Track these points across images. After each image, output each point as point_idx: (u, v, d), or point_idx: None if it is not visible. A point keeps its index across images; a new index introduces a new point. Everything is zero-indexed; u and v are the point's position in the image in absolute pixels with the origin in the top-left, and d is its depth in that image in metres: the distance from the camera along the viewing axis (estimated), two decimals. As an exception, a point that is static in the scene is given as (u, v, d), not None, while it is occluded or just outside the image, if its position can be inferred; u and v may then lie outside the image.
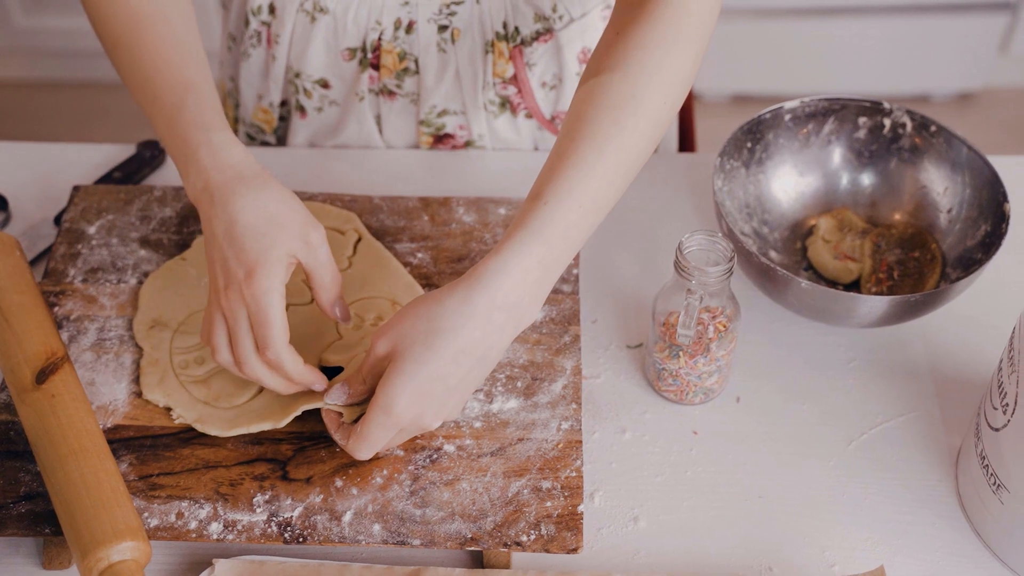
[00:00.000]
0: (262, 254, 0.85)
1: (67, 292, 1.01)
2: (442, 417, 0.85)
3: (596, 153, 0.84)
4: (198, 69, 0.93)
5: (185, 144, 0.89)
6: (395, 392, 0.82)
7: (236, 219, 0.86)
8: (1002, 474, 0.85)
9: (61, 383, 0.90)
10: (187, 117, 0.89)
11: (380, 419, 0.83)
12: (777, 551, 0.90)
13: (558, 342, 0.99)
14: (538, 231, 0.83)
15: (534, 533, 0.87)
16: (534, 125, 1.21)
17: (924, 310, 0.97)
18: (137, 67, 0.93)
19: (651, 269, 1.08)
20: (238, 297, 0.85)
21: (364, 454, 0.86)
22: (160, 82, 0.91)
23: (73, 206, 1.08)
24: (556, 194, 0.83)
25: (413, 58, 1.14)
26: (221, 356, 0.88)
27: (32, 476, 0.90)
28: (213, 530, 0.87)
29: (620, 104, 0.85)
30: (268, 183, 0.88)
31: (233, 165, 0.88)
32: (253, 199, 0.87)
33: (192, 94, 0.90)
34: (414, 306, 0.84)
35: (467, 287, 0.82)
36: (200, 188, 0.88)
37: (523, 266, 0.82)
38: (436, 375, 0.82)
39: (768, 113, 1.08)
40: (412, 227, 1.07)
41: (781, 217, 1.10)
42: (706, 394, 0.98)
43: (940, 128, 1.07)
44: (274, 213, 0.87)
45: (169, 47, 0.93)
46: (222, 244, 0.86)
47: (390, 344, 0.84)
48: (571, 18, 1.13)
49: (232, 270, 0.85)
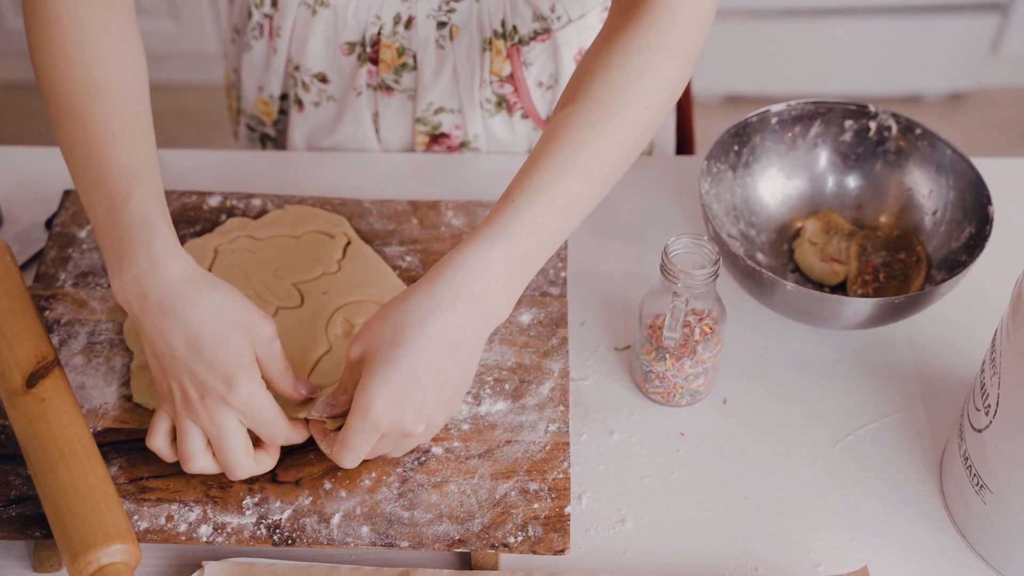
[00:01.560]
0: (236, 361, 0.84)
1: (58, 296, 1.02)
2: (422, 420, 0.84)
3: (569, 154, 0.85)
4: (148, 156, 0.88)
5: (123, 241, 0.85)
6: (371, 395, 0.82)
7: (198, 328, 0.83)
8: (985, 475, 0.86)
9: (51, 387, 0.90)
10: (131, 211, 0.85)
11: (359, 424, 0.83)
12: (763, 551, 0.90)
13: (546, 344, 0.99)
14: (502, 228, 0.83)
15: (521, 535, 0.88)
16: (530, 126, 1.21)
17: (909, 312, 0.98)
18: (83, 139, 0.88)
19: (639, 272, 1.09)
20: (221, 406, 0.84)
21: (348, 462, 0.86)
22: (105, 162, 0.87)
23: (64, 210, 1.09)
24: (524, 193, 0.84)
25: (411, 54, 1.15)
26: (197, 463, 0.86)
27: (22, 479, 0.90)
28: (203, 532, 0.87)
29: (598, 109, 0.86)
30: (217, 283, 0.86)
31: (180, 270, 0.85)
32: (209, 304, 0.84)
33: (140, 186, 0.86)
34: (382, 309, 0.85)
35: (428, 283, 0.83)
36: (137, 296, 0.84)
37: (485, 259, 0.83)
38: (407, 372, 0.82)
39: (754, 116, 1.09)
40: (401, 230, 1.08)
41: (768, 220, 1.11)
42: (693, 396, 0.99)
43: (925, 131, 1.08)
44: (233, 313, 0.85)
45: (120, 124, 0.88)
46: (186, 357, 0.83)
47: (361, 348, 0.84)
48: (569, 19, 1.14)
49: (206, 382, 0.83)
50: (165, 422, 0.88)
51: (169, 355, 0.84)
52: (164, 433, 0.88)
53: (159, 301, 0.84)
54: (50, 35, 0.90)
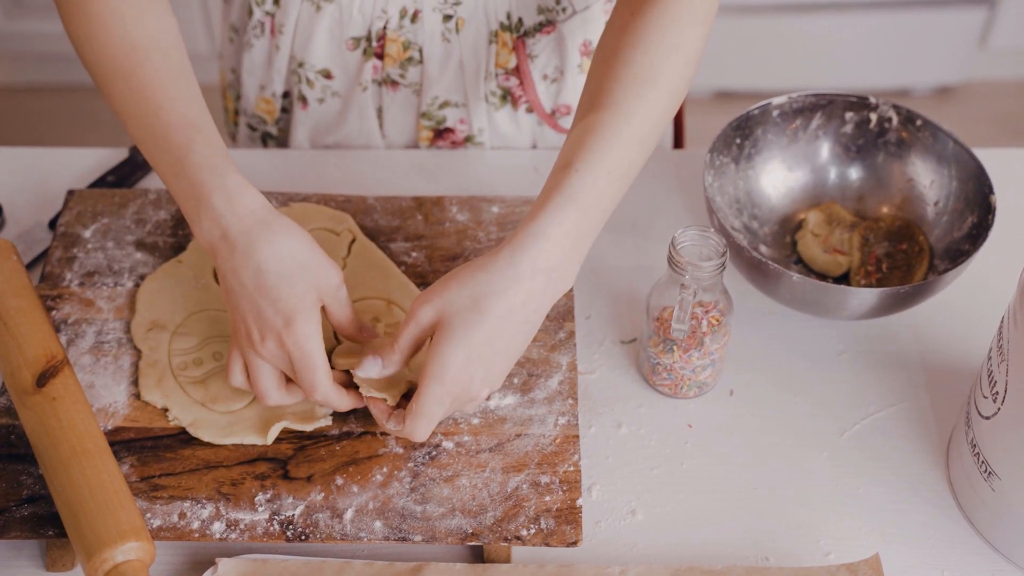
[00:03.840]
0: (298, 302, 0.86)
1: (64, 296, 1.02)
2: (488, 385, 0.86)
3: (623, 123, 0.87)
4: (200, 107, 0.90)
5: (195, 188, 0.87)
6: (447, 359, 0.83)
7: (266, 267, 0.85)
8: (993, 462, 0.87)
9: (61, 386, 0.90)
10: (196, 159, 0.87)
11: (434, 390, 0.84)
12: (773, 541, 0.91)
13: (553, 338, 1.00)
14: (571, 198, 0.85)
15: (534, 527, 0.88)
16: (534, 120, 1.22)
17: (913, 301, 0.99)
18: (136, 99, 0.90)
19: (643, 265, 1.10)
20: (278, 345, 0.86)
21: (422, 433, 0.87)
22: (164, 118, 0.89)
23: (68, 210, 1.09)
24: (586, 162, 0.86)
25: (417, 47, 1.15)
26: (273, 398, 0.90)
27: (34, 479, 0.90)
28: (216, 529, 0.88)
29: (643, 80, 0.88)
30: (290, 227, 0.87)
31: (253, 211, 0.86)
32: (280, 246, 0.86)
33: (200, 135, 0.88)
34: (458, 273, 0.85)
35: (510, 252, 0.84)
36: (218, 236, 0.86)
37: (560, 231, 0.84)
38: (485, 339, 0.83)
39: (756, 109, 1.10)
40: (406, 227, 1.08)
41: (770, 212, 1.11)
42: (700, 388, 0.99)
43: (926, 122, 1.08)
44: (301, 259, 0.87)
45: (169, 80, 0.90)
46: (252, 294, 0.86)
47: (435, 311, 0.85)
48: (574, 10, 1.14)
49: (268, 319, 0.86)
50: (238, 361, 0.90)
51: (239, 291, 0.86)
52: (240, 370, 0.90)
53: (233, 240, 0.86)
54: (84, 5, 0.92)
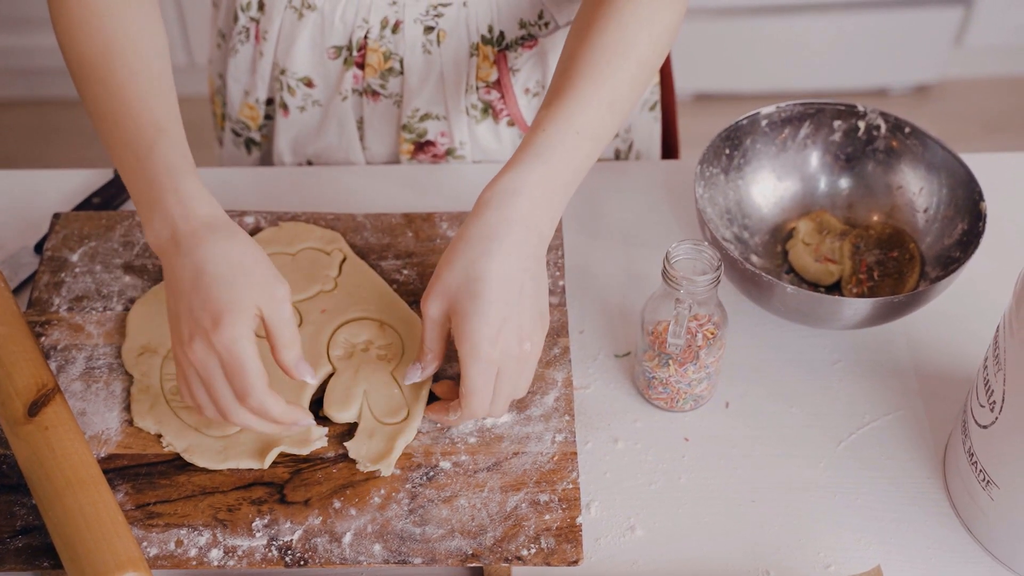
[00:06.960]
0: (230, 303, 0.83)
1: (53, 321, 1.01)
2: (526, 338, 0.87)
3: (592, 89, 0.91)
4: (169, 109, 0.90)
5: (151, 188, 0.86)
6: (473, 336, 0.85)
7: (204, 268, 0.83)
8: (991, 471, 0.87)
9: (54, 415, 0.89)
10: (157, 160, 0.86)
11: (476, 366, 0.86)
12: (773, 554, 0.91)
13: (548, 355, 0.99)
14: (538, 154, 0.89)
15: (534, 547, 0.87)
16: (516, 133, 1.21)
17: (906, 310, 0.99)
18: (106, 99, 0.90)
19: (635, 277, 1.09)
20: (206, 347, 0.83)
21: (480, 407, 0.88)
22: (131, 119, 0.89)
23: (54, 234, 1.07)
24: (555, 123, 0.90)
25: (398, 58, 1.14)
26: (208, 412, 0.87)
27: (27, 510, 0.89)
28: (213, 556, 0.87)
29: (615, 49, 0.92)
30: (236, 233, 0.86)
31: (201, 216, 0.85)
32: (222, 248, 0.84)
33: (164, 137, 0.88)
34: (444, 257, 0.88)
35: (477, 215, 0.88)
36: (166, 237, 0.85)
37: (527, 182, 0.88)
38: (494, 299, 0.85)
39: (745, 119, 1.09)
40: (397, 244, 1.07)
41: (761, 221, 1.11)
42: (696, 401, 0.99)
43: (915, 129, 1.09)
44: (242, 263, 0.85)
45: (142, 82, 0.90)
46: (188, 293, 0.84)
47: (442, 301, 0.88)
48: (556, 25, 1.14)
49: (198, 319, 0.83)
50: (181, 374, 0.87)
51: (175, 293, 0.85)
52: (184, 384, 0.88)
53: (180, 240, 0.85)
54: (69, 5, 0.92)
